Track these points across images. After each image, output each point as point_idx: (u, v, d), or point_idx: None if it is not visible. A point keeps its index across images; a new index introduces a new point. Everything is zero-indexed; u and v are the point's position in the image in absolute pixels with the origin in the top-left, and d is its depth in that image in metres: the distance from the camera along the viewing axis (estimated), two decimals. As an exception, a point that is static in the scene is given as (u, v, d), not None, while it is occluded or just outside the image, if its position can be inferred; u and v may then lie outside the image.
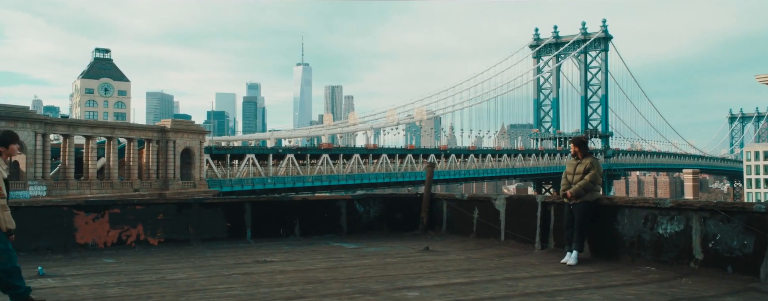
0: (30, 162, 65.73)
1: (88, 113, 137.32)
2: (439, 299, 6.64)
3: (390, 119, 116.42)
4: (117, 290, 6.90)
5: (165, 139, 75.93)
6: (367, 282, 7.52)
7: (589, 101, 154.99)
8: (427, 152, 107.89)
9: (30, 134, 65.41)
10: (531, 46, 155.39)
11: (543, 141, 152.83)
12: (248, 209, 11.18)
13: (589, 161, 9.05)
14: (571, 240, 8.98)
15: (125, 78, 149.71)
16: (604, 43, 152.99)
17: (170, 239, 10.42)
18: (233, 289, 7.02)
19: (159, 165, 75.34)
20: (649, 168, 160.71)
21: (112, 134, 72.71)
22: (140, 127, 78.37)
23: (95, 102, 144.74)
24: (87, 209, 9.91)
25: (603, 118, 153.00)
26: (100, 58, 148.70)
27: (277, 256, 9.62)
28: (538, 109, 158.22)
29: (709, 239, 7.76)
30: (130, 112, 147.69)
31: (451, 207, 12.05)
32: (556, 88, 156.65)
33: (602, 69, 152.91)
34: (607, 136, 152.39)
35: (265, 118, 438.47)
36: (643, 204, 8.64)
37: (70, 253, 9.55)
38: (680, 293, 6.83)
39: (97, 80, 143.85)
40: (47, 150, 67.58)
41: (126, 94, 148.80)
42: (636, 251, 8.63)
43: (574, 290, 7.06)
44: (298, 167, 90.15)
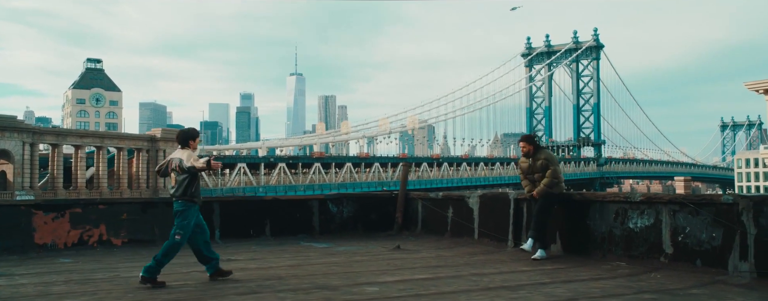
0: (17, 172, 65.27)
1: (80, 124, 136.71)
2: (399, 293, 6.46)
3: (382, 128, 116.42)
4: (63, 287, 6.67)
5: (155, 149, 75.65)
6: (329, 278, 7.33)
7: (581, 110, 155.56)
8: (419, 160, 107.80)
9: (17, 144, 65.02)
10: (523, 55, 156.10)
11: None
12: (216, 209, 10.94)
13: (544, 157, 8.83)
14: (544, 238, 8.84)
15: (117, 88, 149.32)
16: (595, 52, 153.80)
17: (135, 239, 10.15)
18: (187, 286, 6.81)
19: (149, 174, 74.97)
20: (642, 176, 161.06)
21: (102, 144, 72.40)
22: (130, 137, 78.12)
23: (87, 112, 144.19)
24: (46, 208, 9.64)
25: (595, 127, 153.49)
26: (92, 68, 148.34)
27: (242, 255, 9.40)
28: (530, 118, 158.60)
29: (678, 233, 7.61)
30: (121, 122, 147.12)
31: (425, 206, 11.85)
32: (548, 96, 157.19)
33: (594, 77, 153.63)
34: (599, 144, 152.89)
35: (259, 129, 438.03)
36: (614, 198, 8.48)
37: (27, 253, 9.27)
38: (646, 287, 6.67)
39: (89, 90, 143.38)
40: (35, 160, 67.15)
41: (118, 105, 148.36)
42: (607, 247, 8.46)
43: (539, 285, 6.88)
44: (290, 176, 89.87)
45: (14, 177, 65.37)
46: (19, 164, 65.21)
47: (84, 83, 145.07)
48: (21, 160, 65.20)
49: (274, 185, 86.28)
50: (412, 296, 6.29)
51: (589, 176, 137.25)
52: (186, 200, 7.00)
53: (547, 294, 6.34)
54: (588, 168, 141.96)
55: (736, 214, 7.01)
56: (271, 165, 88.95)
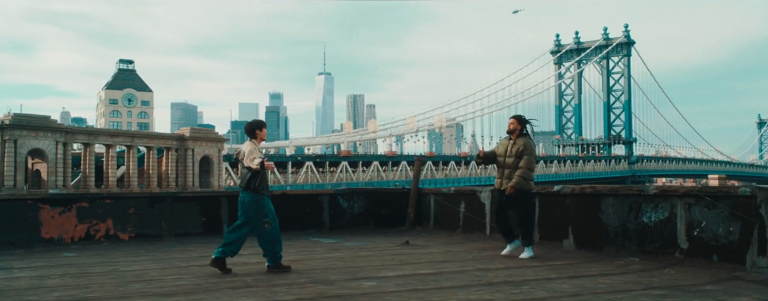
0: (51, 170, 66.53)
1: (113, 124, 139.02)
2: (396, 288, 6.26)
3: (410, 127, 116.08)
4: (57, 281, 6.60)
5: (184, 148, 76.41)
6: (328, 273, 7.16)
7: (612, 107, 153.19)
8: (447, 158, 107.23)
9: (51, 143, 66.26)
10: (552, 52, 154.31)
11: (565, 147, 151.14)
12: (225, 204, 10.84)
13: (523, 142, 8.19)
14: (508, 232, 8.42)
15: (148, 88, 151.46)
16: (626, 49, 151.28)
17: (141, 233, 10.11)
18: (182, 280, 6.69)
19: (178, 173, 75.79)
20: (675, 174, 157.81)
21: (132, 143, 73.38)
22: (159, 136, 79.03)
23: (119, 112, 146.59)
24: (53, 202, 9.62)
25: (626, 124, 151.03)
26: (124, 69, 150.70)
27: (246, 249, 9.24)
28: (559, 116, 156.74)
29: (694, 227, 7.26)
30: (152, 122, 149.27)
31: (438, 202, 11.61)
32: (577, 94, 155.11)
33: (625, 74, 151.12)
34: (630, 142, 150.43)
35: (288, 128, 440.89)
36: (627, 192, 8.15)
37: (33, 248, 9.26)
38: (657, 283, 6.36)
39: (121, 91, 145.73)
40: (68, 158, 68.36)
41: (149, 105, 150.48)
42: (620, 242, 8.14)
43: (544, 280, 6.62)
44: (318, 175, 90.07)
45: (48, 176, 66.65)
46: (52, 163, 66.46)
47: (116, 84, 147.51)
48: (54, 159, 66.44)
49: (301, 184, 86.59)
50: (409, 291, 6.08)
51: (620, 175, 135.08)
52: (253, 192, 7.23)
53: (550, 290, 6.08)
54: (619, 166, 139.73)
55: (754, 207, 6.65)
56: (298, 164, 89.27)
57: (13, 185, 62.55)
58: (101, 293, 5.89)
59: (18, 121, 64.24)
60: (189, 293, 5.92)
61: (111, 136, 73.07)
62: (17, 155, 63.63)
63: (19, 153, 63.79)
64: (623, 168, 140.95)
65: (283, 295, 5.84)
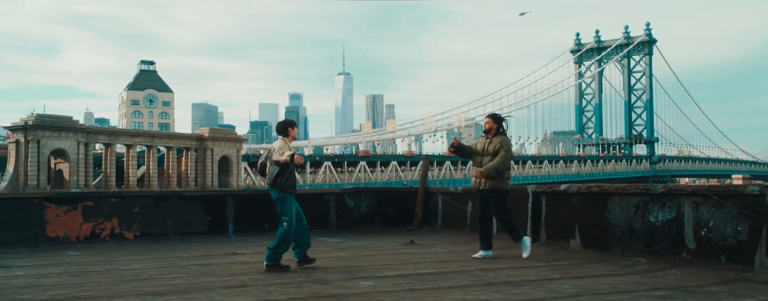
0: (73, 170, 67.36)
1: (134, 124, 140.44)
2: (393, 288, 6.17)
3: (428, 127, 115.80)
4: (55, 279, 6.60)
5: (203, 148, 76.95)
6: (326, 273, 7.09)
7: (633, 106, 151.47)
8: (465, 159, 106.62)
9: (73, 143, 67.11)
10: (572, 51, 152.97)
11: (586, 147, 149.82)
12: (230, 203, 10.82)
13: (499, 140, 8.08)
14: (486, 238, 8.24)
15: (169, 89, 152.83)
16: (648, 47, 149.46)
17: (147, 232, 10.12)
18: (179, 278, 6.66)
19: (197, 173, 76.34)
20: (698, 174, 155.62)
21: (152, 143, 74.07)
22: (179, 136, 79.67)
23: (140, 113, 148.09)
24: (58, 201, 9.66)
25: (648, 124, 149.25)
26: (145, 70, 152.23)
27: (250, 249, 9.24)
28: (580, 115, 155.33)
29: (701, 227, 7.07)
30: (173, 122, 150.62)
31: (445, 201, 11.49)
32: (598, 93, 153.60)
33: (646, 73, 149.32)
34: (652, 141, 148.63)
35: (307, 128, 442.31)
36: (634, 191, 7.97)
37: (38, 246, 9.31)
38: (661, 283, 6.20)
39: (142, 92, 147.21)
40: (89, 158, 69.18)
41: (170, 105, 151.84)
42: (627, 242, 7.96)
43: (545, 280, 6.48)
44: (336, 175, 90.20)
45: (70, 175, 67.52)
46: (74, 163, 67.31)
47: (138, 85, 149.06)
48: (76, 159, 67.28)
49: (320, 183, 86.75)
50: (405, 291, 5.99)
51: (641, 175, 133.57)
52: (278, 189, 7.25)
53: (549, 290, 5.95)
54: (640, 166, 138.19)
55: (762, 206, 6.46)
56: (317, 164, 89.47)
57: (37, 184, 63.44)
58: (95, 291, 5.87)
59: (41, 121, 65.16)
60: (182, 292, 5.88)
61: (131, 137, 73.83)
62: (40, 155, 64.53)
63: (42, 153, 64.70)
64: (645, 168, 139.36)
65: (277, 294, 5.78)
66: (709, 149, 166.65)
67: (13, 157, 64.36)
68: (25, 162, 63.92)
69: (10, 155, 65.18)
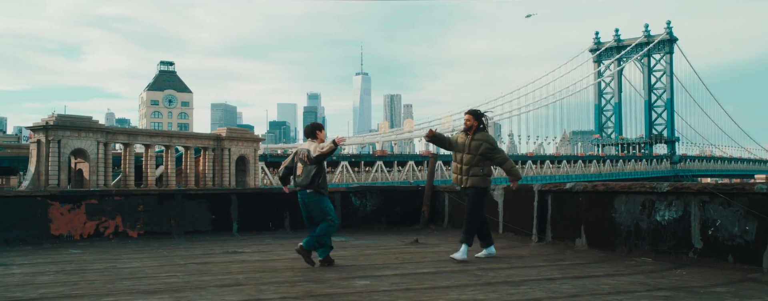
0: (92, 170, 68.10)
1: (154, 124, 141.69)
2: (389, 287, 6.07)
3: (445, 126, 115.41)
4: (51, 277, 6.59)
5: (220, 147, 77.39)
6: (324, 272, 7.01)
7: (654, 106, 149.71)
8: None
9: (92, 143, 67.84)
10: (591, 50, 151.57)
11: (605, 147, 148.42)
12: (234, 202, 10.77)
13: (485, 138, 7.84)
14: (483, 235, 8.06)
15: (188, 89, 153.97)
16: (668, 46, 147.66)
17: (151, 231, 10.10)
18: (174, 277, 6.61)
19: (215, 172, 76.81)
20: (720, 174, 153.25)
21: (170, 143, 74.67)
22: (197, 136, 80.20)
23: (160, 113, 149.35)
24: (62, 199, 9.68)
25: (668, 123, 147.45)
26: (165, 70, 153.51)
27: (252, 248, 9.18)
28: (599, 115, 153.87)
29: (708, 226, 6.88)
30: (192, 122, 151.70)
31: (452, 200, 11.35)
32: (617, 92, 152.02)
33: (667, 72, 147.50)
34: (673, 141, 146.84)
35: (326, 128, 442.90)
36: (640, 189, 7.78)
37: (42, 244, 9.33)
38: (665, 284, 6.03)
39: (162, 92, 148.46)
40: (109, 158, 69.90)
41: (189, 105, 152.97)
42: (633, 241, 7.78)
43: (546, 280, 6.34)
44: (353, 174, 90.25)
45: (89, 175, 68.28)
46: (94, 163, 68.04)
47: (157, 85, 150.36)
48: (96, 158, 68.01)
49: (337, 183, 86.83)
50: (401, 290, 5.88)
51: (661, 174, 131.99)
52: (314, 190, 7.31)
53: (548, 290, 5.81)
54: (660, 166, 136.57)
55: (771, 204, 6.25)
56: (333, 163, 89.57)
57: (57, 183, 64.24)
58: (87, 290, 5.84)
59: (61, 122, 65.96)
60: (174, 290, 5.82)
61: (150, 137, 74.47)
62: (61, 154, 65.33)
63: (62, 153, 65.48)
64: (665, 168, 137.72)
65: (269, 293, 5.70)
66: (731, 149, 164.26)
67: (35, 157, 65.24)
68: (46, 162, 64.74)
69: (32, 154, 66.09)
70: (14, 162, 75.25)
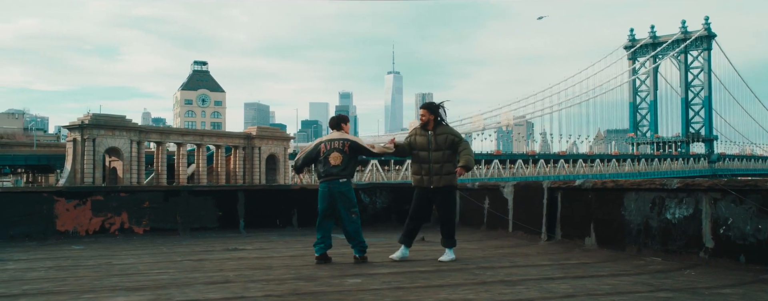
0: (126, 168, 69.34)
1: (188, 123, 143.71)
2: (380, 285, 5.88)
3: (476, 125, 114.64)
4: (41, 273, 6.55)
5: (251, 146, 78.09)
6: (319, 269, 6.86)
7: (691, 103, 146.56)
8: (514, 157, 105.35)
9: (126, 142, 69.05)
10: (625, 47, 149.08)
11: (640, 146, 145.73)
12: (241, 198, 10.69)
13: (447, 131, 7.32)
14: (412, 235, 7.67)
15: (221, 89, 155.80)
16: (706, 42, 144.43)
17: (156, 227, 10.06)
18: (165, 274, 6.51)
19: (245, 171, 77.55)
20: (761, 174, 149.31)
21: (202, 141, 75.62)
22: (228, 135, 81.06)
23: (193, 112, 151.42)
24: (68, 195, 9.70)
25: (706, 121, 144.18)
26: (198, 70, 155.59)
27: (254, 244, 9.08)
28: (633, 113, 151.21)
29: (720, 225, 6.54)
30: (224, 121, 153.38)
31: (463, 197, 11.10)
32: (653, 90, 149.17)
33: (705, 69, 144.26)
34: (711, 139, 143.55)
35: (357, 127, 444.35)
36: (650, 186, 7.46)
37: (47, 240, 9.35)
38: (668, 285, 5.72)
39: (195, 92, 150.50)
40: (142, 157, 71.08)
41: (221, 104, 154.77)
42: (643, 240, 7.46)
43: (545, 280, 6.08)
44: (383, 173, 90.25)
45: (123, 173, 69.53)
46: (127, 161, 69.28)
47: (191, 85, 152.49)
48: (129, 157, 69.25)
49: (367, 182, 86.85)
50: (390, 289, 5.69)
51: (699, 174, 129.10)
52: (348, 179, 7.21)
53: (544, 290, 5.56)
54: (698, 165, 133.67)
55: (785, 202, 5.90)
56: (363, 162, 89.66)
57: (92, 181, 65.55)
58: (72, 286, 5.77)
59: (96, 121, 67.28)
60: (159, 287, 5.72)
61: (181, 135, 75.48)
62: (95, 153, 66.64)
63: (97, 151, 66.80)
64: (703, 167, 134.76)
65: (254, 291, 5.56)
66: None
67: (71, 155, 66.67)
68: (81, 160, 66.11)
69: (68, 153, 67.56)
70: (52, 160, 77.02)
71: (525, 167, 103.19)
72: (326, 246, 7.38)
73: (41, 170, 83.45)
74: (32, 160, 78.77)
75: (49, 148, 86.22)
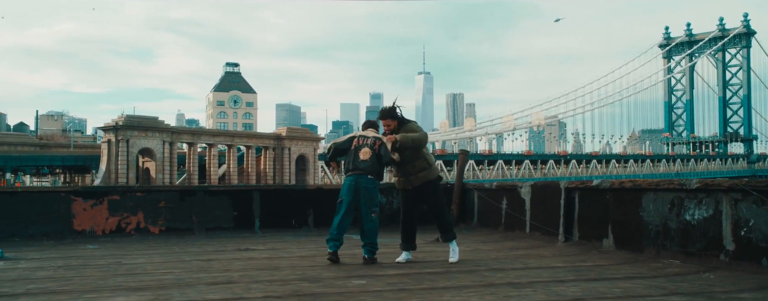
0: (159, 168, 70.39)
1: (220, 124, 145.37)
2: (384, 287, 5.76)
3: (507, 125, 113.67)
4: (49, 272, 6.57)
5: (281, 147, 78.62)
6: (325, 270, 6.76)
7: (729, 102, 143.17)
8: (544, 157, 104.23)
9: (158, 143, 70.10)
10: (661, 45, 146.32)
11: (675, 146, 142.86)
12: (257, 198, 10.66)
13: (410, 126, 7.19)
14: (411, 239, 7.46)
15: (252, 90, 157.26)
16: (745, 39, 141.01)
17: (172, 227, 10.09)
18: (170, 274, 6.48)
19: (275, 171, 78.10)
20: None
21: (232, 142, 76.37)
22: (258, 135, 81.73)
23: (226, 113, 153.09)
24: (85, 195, 9.78)
25: (745, 121, 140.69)
26: (230, 72, 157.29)
27: (267, 245, 9.03)
28: (669, 113, 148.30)
29: (741, 226, 6.26)
30: (256, 122, 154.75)
31: (481, 198, 10.91)
32: (689, 89, 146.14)
33: (743, 67, 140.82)
34: (750, 139, 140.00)
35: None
36: (669, 186, 7.20)
37: (63, 239, 9.44)
38: (684, 289, 5.48)
39: (227, 93, 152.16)
40: (174, 157, 72.09)
41: (253, 106, 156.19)
42: (661, 242, 7.19)
43: (555, 282, 5.89)
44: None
45: (156, 173, 70.61)
46: (160, 162, 70.34)
47: (223, 86, 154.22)
48: (161, 157, 70.29)
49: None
50: (393, 291, 5.56)
51: (737, 175, 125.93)
52: (376, 177, 7.14)
53: (552, 293, 5.37)
54: (736, 166, 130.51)
55: (808, 203, 5.61)
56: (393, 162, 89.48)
57: (126, 182, 66.71)
58: (76, 286, 5.77)
59: (129, 122, 68.44)
60: (161, 288, 5.68)
61: (212, 136, 76.35)
62: (129, 153, 67.81)
63: (130, 152, 67.96)
64: (742, 167, 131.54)
65: (255, 292, 5.49)
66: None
67: (105, 156, 67.95)
68: (115, 161, 67.32)
69: (103, 153, 68.88)
70: (88, 161, 78.65)
71: (556, 168, 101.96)
72: (340, 243, 7.27)
73: (78, 170, 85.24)
74: (69, 161, 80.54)
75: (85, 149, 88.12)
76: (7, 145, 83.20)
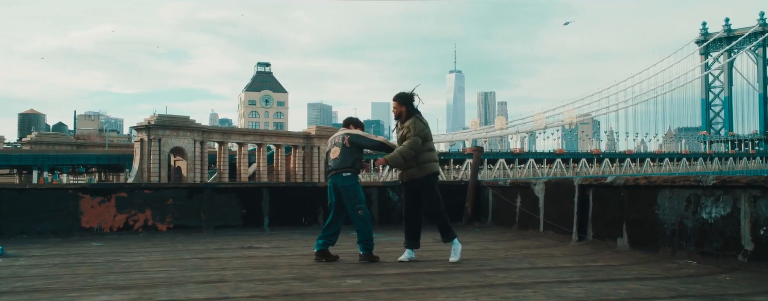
0: (190, 167, 71.25)
1: (251, 124, 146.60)
2: (378, 287, 5.54)
3: (538, 123, 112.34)
4: (43, 270, 6.50)
5: (310, 145, 78.90)
6: (321, 269, 6.56)
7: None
8: (577, 156, 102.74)
9: (190, 142, 70.94)
10: (698, 41, 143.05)
11: (713, 144, 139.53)
12: (266, 196, 10.52)
13: (409, 124, 6.84)
14: (413, 236, 7.14)
15: (284, 89, 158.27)
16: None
17: (180, 225, 10.01)
18: (164, 272, 6.36)
19: (305, 170, 78.42)
20: None
21: (262, 141, 76.93)
22: (287, 135, 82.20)
23: (257, 113, 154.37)
24: (93, 192, 9.76)
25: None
26: (262, 71, 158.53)
27: (272, 243, 8.87)
28: (706, 110, 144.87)
29: (760, 225, 5.88)
30: (287, 121, 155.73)
31: (495, 196, 10.60)
32: (727, 86, 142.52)
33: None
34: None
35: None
36: (684, 183, 6.82)
37: (71, 236, 9.41)
38: (695, 291, 5.15)
39: (259, 92, 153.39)
40: (205, 156, 72.91)
41: (284, 105, 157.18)
42: (677, 242, 6.83)
43: (558, 283, 5.60)
44: (442, 172, 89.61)
45: (187, 172, 71.49)
46: (191, 160, 71.23)
47: (255, 86, 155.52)
48: (193, 156, 71.17)
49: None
50: (388, 291, 5.34)
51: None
52: (353, 172, 7.02)
53: (553, 294, 5.09)
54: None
55: (832, 200, 5.22)
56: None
57: (158, 180, 67.67)
58: (64, 284, 5.66)
59: (161, 121, 69.41)
60: (149, 286, 5.54)
61: (243, 135, 77.01)
62: (161, 152, 68.77)
63: (162, 151, 68.92)
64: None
65: (242, 292, 5.31)
66: None
67: (138, 154, 69.02)
68: (148, 159, 68.35)
69: (136, 152, 70.01)
70: (121, 160, 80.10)
71: (589, 166, 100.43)
72: (327, 243, 7.09)
73: (112, 169, 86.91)
74: (103, 159, 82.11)
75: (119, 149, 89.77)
76: (45, 145, 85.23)
